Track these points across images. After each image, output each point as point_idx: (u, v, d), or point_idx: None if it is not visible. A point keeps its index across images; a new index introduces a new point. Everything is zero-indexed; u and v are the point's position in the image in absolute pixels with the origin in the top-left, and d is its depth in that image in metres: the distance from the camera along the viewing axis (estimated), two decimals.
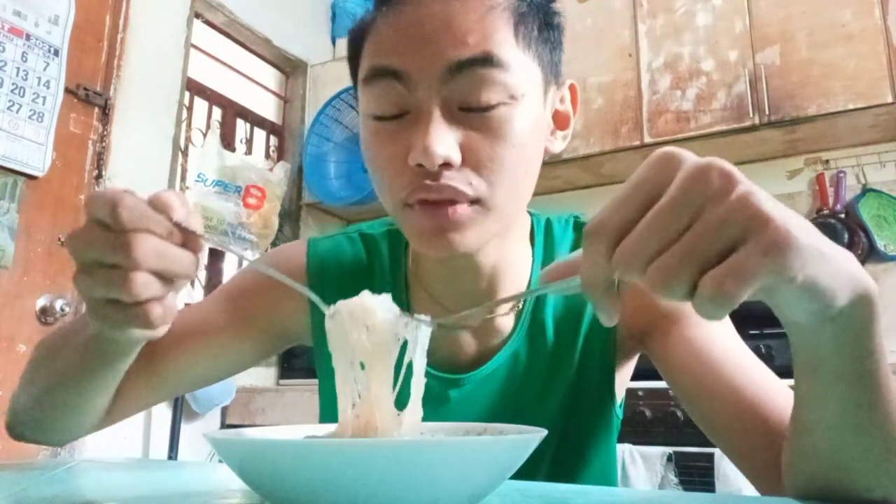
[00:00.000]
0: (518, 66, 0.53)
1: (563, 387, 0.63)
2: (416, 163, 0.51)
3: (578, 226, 0.69)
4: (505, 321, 0.64)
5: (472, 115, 0.52)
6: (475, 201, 0.53)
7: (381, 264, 0.69)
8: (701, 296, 0.29)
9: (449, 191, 0.51)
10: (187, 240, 0.41)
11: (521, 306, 0.65)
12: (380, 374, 0.41)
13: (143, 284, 0.39)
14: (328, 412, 0.70)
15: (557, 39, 0.59)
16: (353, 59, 0.59)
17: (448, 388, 0.63)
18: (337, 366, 0.42)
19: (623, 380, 0.68)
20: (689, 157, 0.32)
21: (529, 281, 0.65)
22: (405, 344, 0.43)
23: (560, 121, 0.62)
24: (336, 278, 0.69)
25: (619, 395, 0.67)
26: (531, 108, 0.55)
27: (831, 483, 0.41)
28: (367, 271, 0.69)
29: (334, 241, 0.73)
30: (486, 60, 0.51)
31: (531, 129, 0.55)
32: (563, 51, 0.60)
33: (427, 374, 0.61)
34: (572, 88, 0.63)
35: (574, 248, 0.67)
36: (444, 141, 0.50)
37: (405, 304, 0.66)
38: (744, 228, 0.29)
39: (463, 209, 0.52)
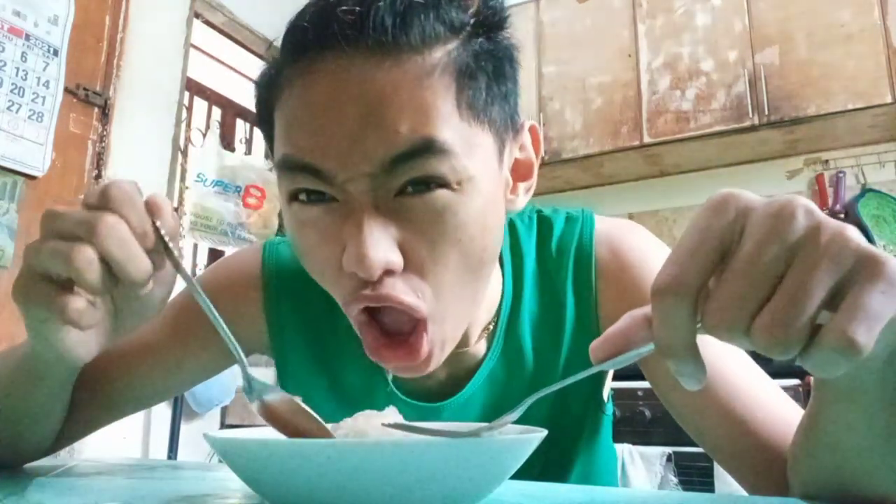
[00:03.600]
0: (464, 144, 0.43)
1: (546, 403, 0.59)
2: (351, 270, 0.42)
3: (542, 220, 0.63)
4: (478, 345, 0.59)
5: (411, 205, 0.43)
6: (428, 314, 0.45)
7: None
8: (825, 348, 0.26)
9: (392, 301, 0.44)
10: (155, 250, 0.38)
11: (492, 328, 0.59)
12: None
13: (87, 260, 0.35)
14: None
15: (513, 85, 0.49)
16: (265, 116, 0.49)
17: (425, 417, 0.58)
18: None
19: (608, 380, 0.65)
20: (755, 197, 0.29)
21: (501, 298, 0.59)
22: None
23: (521, 171, 0.53)
24: (295, 290, 0.63)
25: (606, 393, 0.65)
26: (483, 188, 0.45)
27: (846, 487, 0.40)
28: None
29: (291, 247, 0.67)
30: (425, 150, 0.42)
31: (483, 212, 0.46)
32: (519, 93, 0.50)
33: (402, 404, 0.57)
34: (532, 130, 0.54)
35: (539, 245, 0.61)
36: (381, 246, 0.42)
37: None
38: (851, 267, 0.26)
39: (425, 340, 0.45)
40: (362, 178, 0.43)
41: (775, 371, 0.56)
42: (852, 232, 0.27)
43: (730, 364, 0.52)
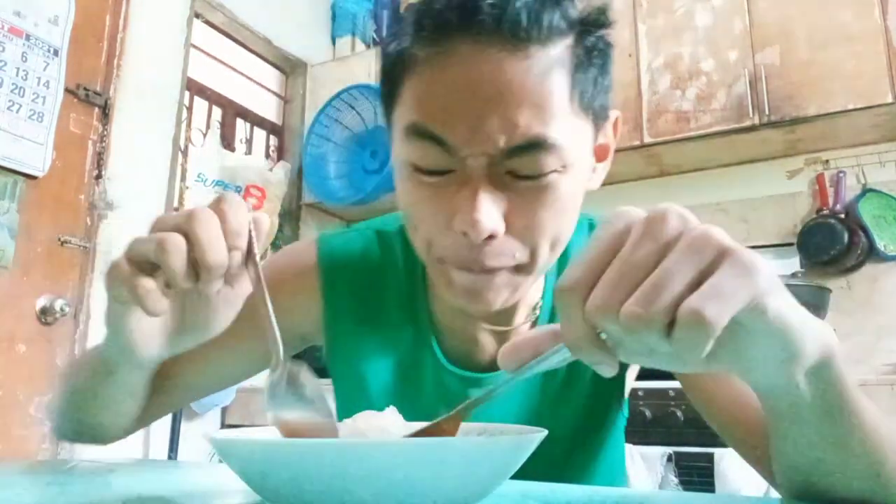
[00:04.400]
0: (572, 136, 0.50)
1: (580, 392, 0.64)
2: (462, 230, 0.49)
3: (593, 226, 0.68)
4: (522, 328, 0.64)
5: (520, 182, 0.50)
6: (517, 268, 0.52)
7: (395, 263, 0.68)
8: (682, 326, 0.29)
9: (492, 261, 0.50)
10: (237, 265, 0.43)
11: (537, 313, 0.65)
12: None
13: (174, 244, 0.39)
14: (345, 412, 0.70)
15: (611, 78, 0.55)
16: (391, 88, 0.54)
17: (468, 386, 0.63)
18: None
19: (631, 377, 0.69)
20: (642, 212, 0.33)
21: (543, 292, 0.65)
22: None
23: (600, 153, 0.59)
24: (349, 277, 0.68)
25: (626, 391, 0.68)
26: (580, 168, 0.52)
27: (814, 492, 0.43)
28: (380, 270, 0.69)
29: (345, 239, 0.71)
30: (538, 144, 0.48)
31: (579, 189, 0.53)
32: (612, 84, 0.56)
33: (446, 372, 0.63)
34: (616, 119, 0.60)
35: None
36: (492, 214, 0.48)
37: (423, 303, 0.66)
38: (711, 258, 0.30)
39: (502, 277, 0.52)
40: (481, 157, 0.48)
41: None
42: (717, 232, 0.31)
43: None
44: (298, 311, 0.68)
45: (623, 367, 0.64)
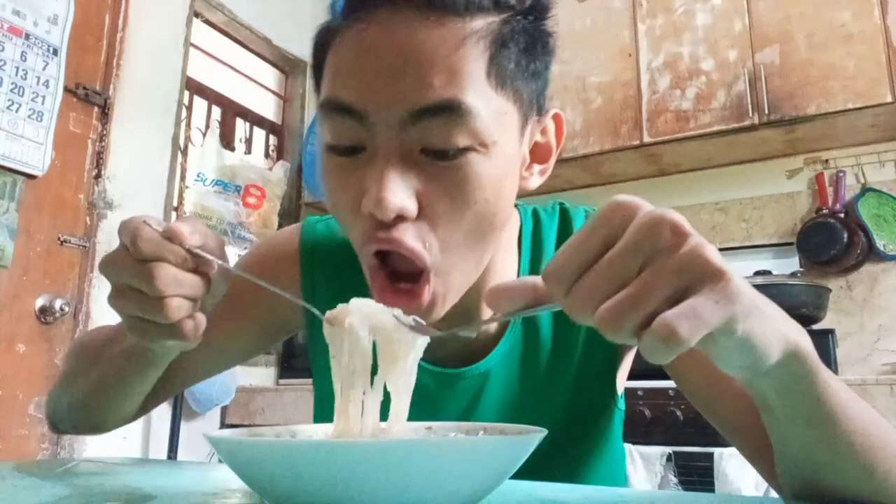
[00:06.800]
0: (490, 109, 0.47)
1: (565, 385, 0.62)
2: (368, 211, 0.46)
3: (564, 211, 0.68)
4: (491, 325, 0.62)
5: (434, 160, 0.47)
6: (434, 266, 0.48)
7: None
8: (654, 334, 0.29)
9: (399, 244, 0.47)
10: (199, 264, 0.45)
11: None
12: (391, 379, 0.42)
13: (176, 308, 0.44)
14: (323, 410, 0.70)
15: (542, 68, 0.53)
16: (318, 68, 0.53)
17: (442, 383, 0.62)
18: (337, 372, 0.42)
19: (623, 372, 0.67)
20: (644, 207, 0.33)
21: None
22: None
23: (539, 154, 0.57)
24: (328, 264, 0.68)
25: (620, 387, 0.67)
26: (504, 154, 0.49)
27: (814, 492, 0.43)
28: (358, 257, 0.68)
29: (328, 224, 0.71)
30: (452, 108, 0.46)
31: (502, 177, 0.50)
32: (550, 79, 0.54)
33: (422, 370, 0.61)
34: (557, 118, 0.57)
35: (559, 236, 0.66)
36: (399, 192, 0.46)
37: None
38: (696, 278, 0.30)
39: (427, 289, 0.48)
40: (391, 122, 0.46)
41: None
42: (709, 250, 0.31)
43: None
44: (280, 302, 0.66)
45: (613, 362, 0.64)
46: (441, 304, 0.50)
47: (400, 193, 0.46)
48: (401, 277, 0.50)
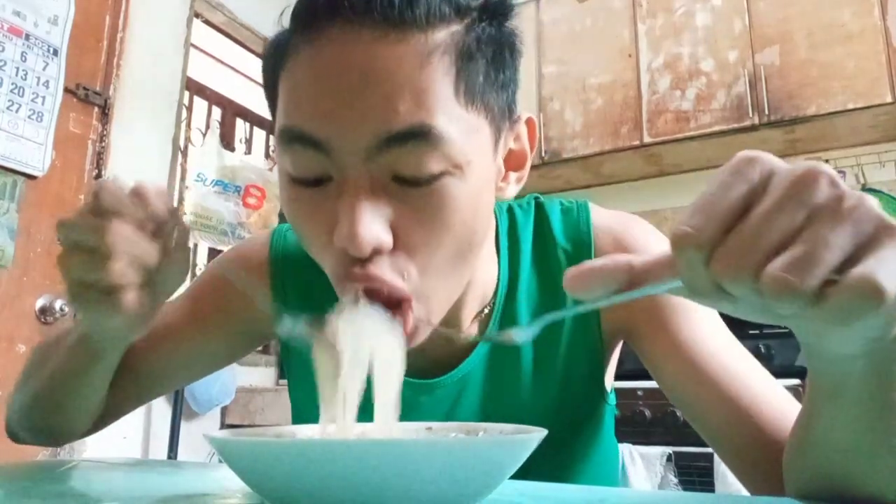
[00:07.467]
0: (461, 129, 0.44)
1: (552, 384, 0.60)
2: (342, 246, 0.43)
3: (539, 206, 0.64)
4: (471, 328, 0.60)
5: (406, 187, 0.44)
6: (413, 294, 0.46)
7: None
8: (852, 291, 0.25)
9: (378, 281, 0.44)
10: (159, 231, 0.43)
11: (487, 310, 0.60)
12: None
13: (121, 269, 0.41)
14: (299, 419, 0.68)
15: (512, 74, 0.49)
16: (271, 89, 0.49)
17: (418, 394, 0.59)
18: (327, 386, 0.42)
19: (611, 368, 0.65)
20: (780, 161, 0.29)
21: (497, 282, 0.60)
22: None
23: (514, 161, 0.54)
24: (298, 270, 0.65)
25: (609, 383, 0.65)
26: (478, 171, 0.46)
27: (837, 488, 0.40)
28: None
29: None
30: (422, 133, 0.42)
31: (477, 195, 0.47)
32: (519, 83, 0.51)
33: None
34: (529, 123, 0.54)
35: (536, 232, 0.62)
36: (372, 226, 0.43)
37: None
38: (873, 232, 0.27)
39: (411, 318, 0.46)
40: (357, 152, 0.43)
41: (775, 371, 0.56)
42: (874, 202, 0.27)
43: (733, 355, 0.53)
44: (252, 307, 0.65)
45: (600, 357, 0.61)
46: (424, 329, 0.48)
47: (373, 227, 0.43)
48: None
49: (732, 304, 0.29)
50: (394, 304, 0.46)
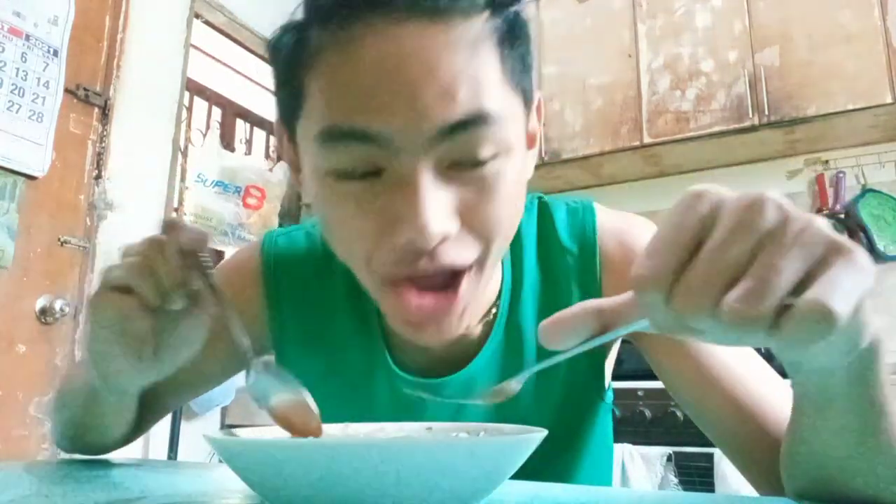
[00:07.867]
0: (508, 113, 0.46)
1: (557, 383, 0.60)
2: (408, 239, 0.43)
3: (542, 206, 0.64)
4: (476, 328, 0.60)
5: (463, 171, 0.44)
6: (472, 265, 0.47)
7: (340, 262, 0.63)
8: (805, 316, 0.26)
9: (448, 266, 0.45)
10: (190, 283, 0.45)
11: (494, 311, 0.60)
12: None
13: (140, 267, 0.43)
14: None
15: (532, 55, 0.51)
16: (293, 87, 0.47)
17: (424, 391, 0.59)
18: None
19: (609, 365, 0.65)
20: (728, 193, 0.30)
21: (501, 283, 0.60)
22: None
23: (530, 141, 0.54)
24: (293, 281, 0.65)
25: (607, 381, 0.65)
26: (519, 155, 0.48)
27: (833, 489, 0.41)
28: (326, 270, 0.64)
29: (290, 238, 0.68)
30: (480, 119, 0.43)
31: (521, 175, 0.49)
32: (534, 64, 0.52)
33: (399, 378, 0.59)
34: (539, 102, 0.56)
35: (539, 232, 0.62)
36: (441, 215, 0.43)
37: (371, 304, 0.60)
38: (824, 253, 0.27)
39: (465, 287, 0.47)
40: (420, 143, 0.42)
41: (778, 371, 0.56)
42: (822, 223, 0.28)
43: (738, 353, 0.53)
44: (245, 319, 0.63)
45: (602, 355, 0.61)
46: (468, 313, 0.49)
47: (441, 217, 0.43)
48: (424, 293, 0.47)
49: (700, 335, 0.30)
50: (447, 285, 0.47)
